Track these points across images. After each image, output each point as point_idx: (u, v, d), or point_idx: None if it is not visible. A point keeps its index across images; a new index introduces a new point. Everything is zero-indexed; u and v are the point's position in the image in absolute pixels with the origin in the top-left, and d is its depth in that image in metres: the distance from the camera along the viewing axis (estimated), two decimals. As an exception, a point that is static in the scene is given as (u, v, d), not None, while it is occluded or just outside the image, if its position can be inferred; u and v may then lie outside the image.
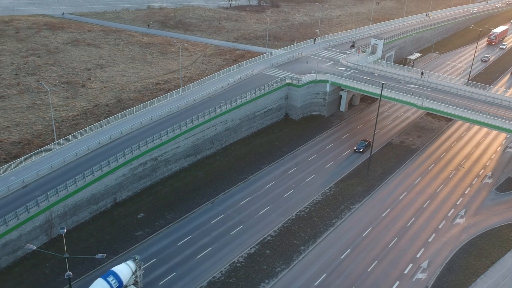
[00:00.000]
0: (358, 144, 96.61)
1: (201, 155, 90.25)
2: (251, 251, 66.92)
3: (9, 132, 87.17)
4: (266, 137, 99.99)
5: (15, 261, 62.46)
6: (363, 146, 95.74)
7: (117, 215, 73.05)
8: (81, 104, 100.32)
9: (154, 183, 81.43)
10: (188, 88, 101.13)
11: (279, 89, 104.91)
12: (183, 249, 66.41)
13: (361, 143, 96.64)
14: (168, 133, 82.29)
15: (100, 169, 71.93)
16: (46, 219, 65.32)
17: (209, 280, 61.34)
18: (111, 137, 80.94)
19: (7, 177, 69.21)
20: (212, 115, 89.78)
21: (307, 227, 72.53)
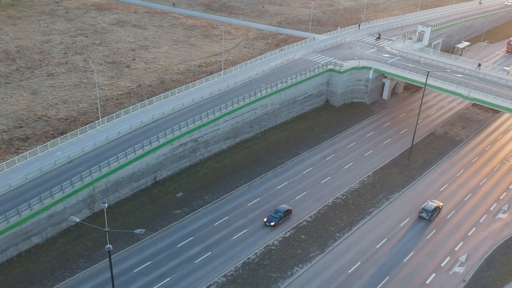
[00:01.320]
0: (271, 214, 68.98)
1: (240, 138, 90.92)
2: (286, 235, 67.30)
3: (57, 109, 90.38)
4: (305, 123, 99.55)
5: (59, 233, 65.29)
6: (277, 218, 68.01)
7: (157, 193, 74.89)
8: (125, 84, 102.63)
9: (193, 164, 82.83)
10: (230, 71, 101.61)
11: (321, 75, 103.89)
12: (219, 230, 67.51)
13: (275, 212, 68.72)
14: (209, 115, 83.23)
15: (141, 147, 73.71)
16: (89, 193, 67.74)
17: (244, 261, 62.23)
18: (153, 117, 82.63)
19: (54, 152, 72.04)
20: (252, 99, 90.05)
21: (343, 214, 72.19)
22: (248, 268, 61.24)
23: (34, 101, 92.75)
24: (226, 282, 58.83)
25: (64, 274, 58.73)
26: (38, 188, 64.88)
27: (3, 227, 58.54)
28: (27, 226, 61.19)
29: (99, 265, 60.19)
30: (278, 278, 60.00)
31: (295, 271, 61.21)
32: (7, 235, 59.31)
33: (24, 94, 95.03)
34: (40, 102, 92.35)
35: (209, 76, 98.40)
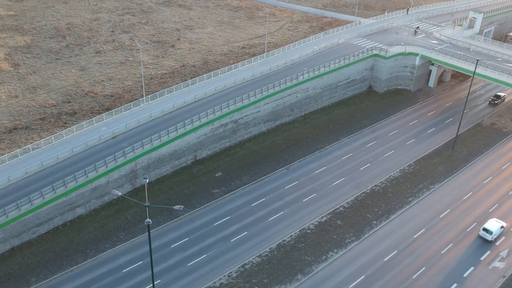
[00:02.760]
0: None
1: (280, 121, 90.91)
2: (322, 219, 67.30)
3: (103, 86, 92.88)
4: (347, 108, 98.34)
5: (102, 205, 67.72)
6: None
7: (197, 171, 76.23)
8: (169, 63, 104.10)
9: (233, 145, 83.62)
10: (273, 53, 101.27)
11: (365, 60, 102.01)
12: (256, 211, 68.20)
13: None
14: (250, 97, 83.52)
15: (183, 126, 74.97)
16: (131, 169, 69.70)
17: (279, 242, 62.79)
18: (196, 97, 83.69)
19: (99, 127, 74.36)
20: (294, 82, 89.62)
21: (381, 202, 71.38)
22: (283, 250, 61.76)
23: (82, 77, 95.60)
24: (260, 262, 59.61)
25: (105, 245, 61.05)
26: (83, 161, 67.33)
27: (50, 197, 61.24)
28: (72, 197, 63.76)
29: (139, 239, 62.18)
30: (312, 261, 60.27)
31: (329, 256, 61.29)
32: (54, 205, 62.04)
33: (72, 70, 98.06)
34: (87, 79, 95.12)
35: (251, 58, 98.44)
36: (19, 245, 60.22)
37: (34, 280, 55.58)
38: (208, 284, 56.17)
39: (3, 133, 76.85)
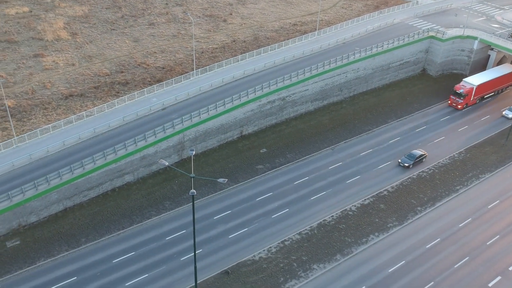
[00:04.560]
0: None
1: (327, 101, 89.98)
2: (364, 202, 66.79)
3: (155, 58, 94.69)
4: (398, 91, 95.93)
5: (149, 174, 69.90)
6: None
7: (242, 147, 77.05)
8: (220, 38, 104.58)
9: (279, 122, 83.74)
10: (324, 32, 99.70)
11: (420, 42, 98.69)
12: (299, 189, 68.46)
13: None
14: (298, 75, 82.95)
15: (231, 101, 75.63)
16: (179, 140, 71.30)
17: (320, 222, 62.97)
18: (245, 72, 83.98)
19: (150, 98, 76.24)
20: (344, 62, 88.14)
21: (427, 189, 69.91)
22: (323, 229, 61.93)
23: (135, 48, 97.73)
24: (300, 240, 60.12)
25: (151, 213, 63.24)
26: (133, 130, 69.49)
27: (101, 163, 63.78)
28: (122, 164, 66.11)
29: (183, 208, 63.97)
30: (352, 243, 60.19)
31: (370, 239, 60.98)
32: (104, 171, 64.60)
33: (126, 41, 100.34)
34: (140, 50, 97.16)
35: (302, 36, 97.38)
36: (71, 207, 63.37)
37: (84, 240, 58.50)
38: (247, 257, 57.32)
39: (60, 99, 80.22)
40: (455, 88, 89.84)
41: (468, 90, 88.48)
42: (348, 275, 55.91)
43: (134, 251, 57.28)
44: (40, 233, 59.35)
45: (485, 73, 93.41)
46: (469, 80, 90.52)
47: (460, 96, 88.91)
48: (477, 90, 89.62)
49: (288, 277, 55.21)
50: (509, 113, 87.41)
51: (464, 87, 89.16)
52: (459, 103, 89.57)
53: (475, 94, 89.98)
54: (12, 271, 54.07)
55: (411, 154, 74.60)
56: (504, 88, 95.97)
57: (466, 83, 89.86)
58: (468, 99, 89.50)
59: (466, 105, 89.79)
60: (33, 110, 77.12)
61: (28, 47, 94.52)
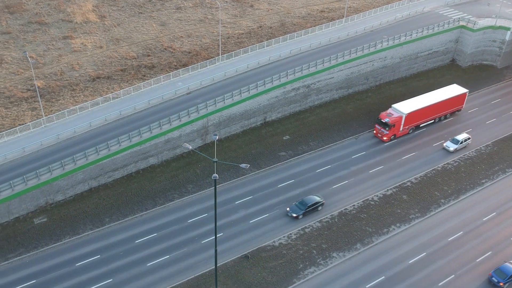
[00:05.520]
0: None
1: (353, 89, 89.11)
2: (387, 192, 66.33)
3: (181, 42, 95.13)
4: (426, 81, 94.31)
5: (173, 157, 70.75)
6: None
7: (265, 133, 77.19)
8: (247, 23, 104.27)
9: (303, 109, 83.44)
10: (352, 19, 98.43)
11: (450, 31, 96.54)
12: (321, 177, 68.35)
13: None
14: (324, 62, 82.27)
15: (255, 87, 75.63)
16: (203, 125, 71.82)
17: (341, 210, 62.89)
18: (270, 59, 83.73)
19: (176, 82, 76.87)
20: (371, 50, 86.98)
21: (452, 181, 68.96)
22: (344, 218, 61.85)
23: (162, 32, 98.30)
24: (320, 228, 60.22)
25: (173, 195, 64.13)
26: (158, 114, 70.29)
27: (126, 145, 64.81)
28: (146, 147, 67.06)
29: (205, 192, 64.66)
30: (373, 233, 60.00)
31: (391, 229, 60.66)
32: (129, 153, 65.66)
33: (154, 24, 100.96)
34: (167, 34, 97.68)
35: (329, 23, 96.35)
36: (96, 187, 64.73)
37: (108, 220, 59.79)
38: (268, 243, 57.77)
39: (88, 81, 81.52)
40: (380, 116, 75.22)
41: (395, 119, 74.14)
42: (368, 264, 55.87)
43: (156, 233, 58.31)
44: (66, 211, 60.90)
45: (422, 98, 79.17)
46: (398, 106, 75.95)
47: (386, 126, 74.74)
48: (408, 119, 75.44)
49: (307, 264, 55.49)
50: (451, 145, 74.20)
51: (390, 116, 74.62)
52: (384, 134, 74.96)
53: (406, 124, 75.74)
54: (39, 247, 55.77)
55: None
56: (448, 114, 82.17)
57: (395, 111, 75.54)
58: (397, 130, 75.20)
59: (394, 136, 75.66)
60: (62, 91, 78.63)
61: (57, 29, 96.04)
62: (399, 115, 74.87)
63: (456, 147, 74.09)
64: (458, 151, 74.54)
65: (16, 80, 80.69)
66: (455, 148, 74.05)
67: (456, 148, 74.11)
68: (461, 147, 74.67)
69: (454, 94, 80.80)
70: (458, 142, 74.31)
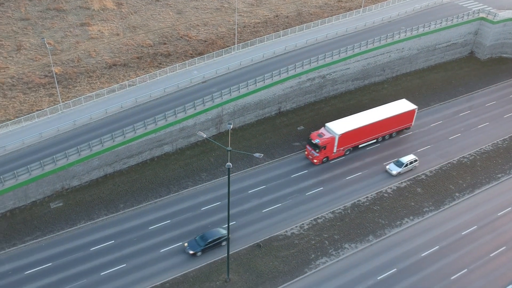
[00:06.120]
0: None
1: (369, 81, 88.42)
2: (401, 185, 65.97)
3: (197, 30, 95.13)
4: (443, 73, 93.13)
5: (187, 145, 71.14)
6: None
7: (279, 123, 77.11)
8: (263, 12, 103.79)
9: (317, 100, 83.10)
10: (370, 9, 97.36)
11: (469, 23, 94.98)
12: (334, 168, 68.19)
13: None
14: (340, 53, 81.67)
15: (270, 77, 75.45)
16: (218, 114, 71.98)
17: (354, 202, 62.78)
18: (286, 48, 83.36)
19: (191, 71, 77.03)
20: (388, 41, 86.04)
21: (467, 175, 68.30)
22: (357, 209, 61.76)
23: (178, 20, 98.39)
24: (333, 218, 60.24)
25: (187, 183, 64.57)
26: (173, 102, 70.60)
27: (141, 132, 65.31)
28: (161, 134, 67.49)
29: (218, 180, 64.97)
30: (385, 225, 59.85)
31: (404, 222, 60.42)
32: (144, 140, 66.18)
33: (170, 12, 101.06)
34: (183, 22, 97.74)
35: (347, 13, 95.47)
36: (111, 173, 65.47)
37: (122, 206, 60.52)
38: (279, 232, 58.00)
39: (104, 68, 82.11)
40: (311, 136, 67.97)
41: (326, 141, 66.53)
42: (380, 256, 55.80)
43: (170, 220, 58.89)
44: (81, 196, 61.78)
45: (362, 115, 71.24)
46: (332, 126, 68.06)
47: (316, 147, 67.11)
48: (342, 140, 67.96)
49: (319, 254, 55.64)
50: (394, 168, 67.05)
51: (321, 136, 67.05)
52: (314, 156, 67.63)
53: (341, 145, 68.34)
54: (55, 230, 56.75)
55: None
56: (395, 132, 74.23)
57: (327, 130, 68.02)
58: (329, 152, 67.89)
59: (327, 159, 68.56)
60: (78, 78, 79.37)
61: (75, 16, 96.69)
62: (331, 136, 66.95)
63: (399, 170, 66.15)
64: (402, 174, 67.14)
65: (34, 66, 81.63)
66: (398, 171, 66.29)
67: (400, 172, 66.31)
68: (406, 170, 66.94)
69: (401, 111, 72.12)
70: (403, 164, 66.52)
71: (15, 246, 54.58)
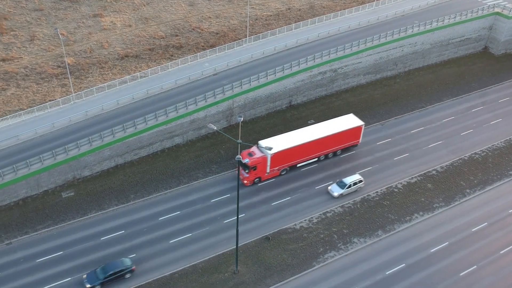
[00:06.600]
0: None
1: (381, 75, 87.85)
2: (411, 180, 65.67)
3: (209, 23, 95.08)
4: (456, 68, 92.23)
5: (198, 137, 71.39)
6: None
7: (290, 116, 77.01)
8: (275, 5, 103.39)
9: (328, 94, 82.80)
10: (383, 3, 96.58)
11: (484, 18, 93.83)
12: (344, 162, 68.03)
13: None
14: (352, 46, 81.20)
15: (282, 70, 75.29)
16: (228, 106, 72.06)
17: (363, 196, 62.63)
18: (297, 41, 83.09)
19: (202, 63, 77.11)
20: (401, 35, 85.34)
21: (478, 172, 67.78)
22: (367, 204, 61.62)
23: (190, 12, 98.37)
24: (342, 212, 60.20)
25: (197, 175, 64.84)
26: (184, 94, 70.79)
27: (152, 124, 65.63)
28: (172, 126, 67.77)
29: (228, 173, 65.13)
30: (395, 220, 59.68)
31: (414, 217, 60.20)
32: (155, 132, 66.51)
33: (182, 4, 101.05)
34: (195, 14, 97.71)
35: (360, 6, 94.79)
36: (122, 164, 65.96)
37: (133, 197, 60.99)
38: (288, 225, 58.11)
39: (116, 59, 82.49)
40: (241, 154, 62.13)
41: (257, 160, 61.04)
42: (389, 251, 55.71)
43: (180, 211, 59.27)
44: (92, 186, 62.36)
45: (301, 132, 65.56)
46: (264, 144, 61.43)
47: (245, 167, 61.59)
48: (276, 159, 62.32)
49: (327, 248, 55.69)
50: (336, 189, 61.93)
51: (251, 156, 61.49)
52: (244, 177, 62.18)
53: (274, 165, 62.80)
54: (66, 220, 57.40)
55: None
56: (340, 149, 68.41)
57: (260, 149, 61.96)
58: (261, 172, 62.41)
59: (259, 179, 63.15)
60: (91, 69, 79.85)
61: (88, 7, 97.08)
62: (262, 156, 61.39)
63: (341, 192, 61.19)
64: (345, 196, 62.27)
65: (47, 56, 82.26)
66: (340, 193, 61.30)
67: (342, 193, 61.41)
68: (349, 192, 61.99)
69: (345, 127, 66.29)
70: (345, 185, 61.46)
71: (27, 234, 55.35)
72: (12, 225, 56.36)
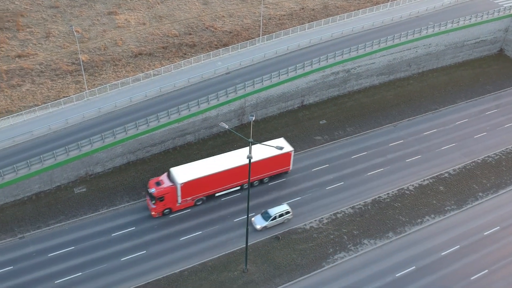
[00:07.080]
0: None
1: (394, 76, 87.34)
2: (423, 182, 65.24)
3: (223, 21, 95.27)
4: (471, 70, 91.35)
5: (209, 136, 71.62)
6: None
7: (302, 116, 76.91)
8: (289, 5, 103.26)
9: (341, 94, 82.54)
10: (397, 3, 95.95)
11: (500, 20, 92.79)
12: (356, 163, 67.81)
13: None
14: (366, 47, 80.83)
15: (294, 70, 75.21)
16: (240, 105, 72.18)
17: (374, 198, 62.37)
18: (310, 41, 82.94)
19: (215, 62, 77.32)
20: (415, 36, 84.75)
21: (491, 175, 67.11)
22: (378, 206, 61.36)
23: (204, 11, 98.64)
24: (353, 214, 60.01)
25: (208, 173, 64.97)
26: (197, 92, 71.07)
27: (164, 121, 66.00)
28: (184, 124, 68.08)
29: (239, 172, 65.20)
30: (406, 222, 59.35)
31: (425, 220, 59.82)
32: (167, 129, 66.87)
33: (196, 3, 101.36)
34: (209, 13, 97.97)
35: (374, 7, 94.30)
36: (133, 161, 66.42)
37: (144, 194, 61.33)
38: (299, 225, 58.08)
39: (130, 57, 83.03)
40: (149, 183, 57.58)
41: (164, 191, 55.89)
42: (399, 253, 55.43)
43: (191, 209, 59.48)
44: (104, 183, 62.88)
45: (221, 158, 60.23)
46: (176, 172, 56.93)
47: (152, 198, 56.26)
48: (187, 189, 56.94)
49: (337, 249, 55.57)
50: (259, 221, 57.05)
51: (159, 185, 56.36)
52: (152, 208, 56.97)
53: (186, 195, 57.43)
54: (78, 215, 57.99)
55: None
56: (268, 177, 62.86)
57: (170, 177, 57.37)
58: (171, 203, 57.11)
59: (170, 210, 57.79)
60: (104, 66, 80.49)
61: (103, 5, 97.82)
62: (171, 185, 56.22)
63: (265, 224, 56.36)
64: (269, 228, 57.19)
65: (62, 53, 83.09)
66: (264, 225, 56.37)
67: (266, 226, 56.40)
68: (274, 224, 56.85)
69: (271, 154, 60.43)
70: (270, 217, 56.46)
71: (39, 228, 56.02)
72: (25, 220, 57.10)
